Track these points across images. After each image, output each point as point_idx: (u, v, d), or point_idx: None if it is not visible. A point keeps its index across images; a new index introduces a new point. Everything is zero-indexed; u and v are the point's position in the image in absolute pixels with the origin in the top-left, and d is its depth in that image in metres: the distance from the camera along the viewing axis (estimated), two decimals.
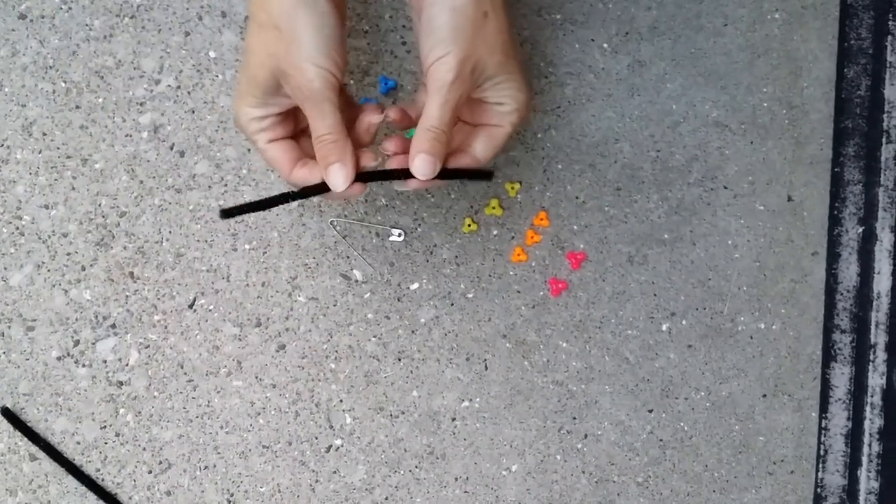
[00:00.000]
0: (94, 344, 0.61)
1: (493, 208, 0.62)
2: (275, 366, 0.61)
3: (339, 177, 0.48)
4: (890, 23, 0.63)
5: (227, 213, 0.49)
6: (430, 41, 0.46)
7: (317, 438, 0.62)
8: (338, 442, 0.62)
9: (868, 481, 0.63)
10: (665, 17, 0.62)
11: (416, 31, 0.50)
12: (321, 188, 0.49)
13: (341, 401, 0.62)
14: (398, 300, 0.62)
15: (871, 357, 0.63)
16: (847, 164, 0.63)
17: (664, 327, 0.63)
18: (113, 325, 0.61)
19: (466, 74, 0.46)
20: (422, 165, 0.48)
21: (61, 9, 0.60)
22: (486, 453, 0.62)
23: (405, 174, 0.48)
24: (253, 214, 0.61)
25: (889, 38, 0.63)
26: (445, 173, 0.49)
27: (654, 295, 0.63)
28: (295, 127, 0.51)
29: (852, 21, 0.63)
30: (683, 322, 0.63)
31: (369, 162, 0.49)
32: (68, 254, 0.61)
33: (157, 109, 0.61)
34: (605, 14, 0.62)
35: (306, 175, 0.49)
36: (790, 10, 0.63)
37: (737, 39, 0.63)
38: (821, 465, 0.64)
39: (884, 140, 0.63)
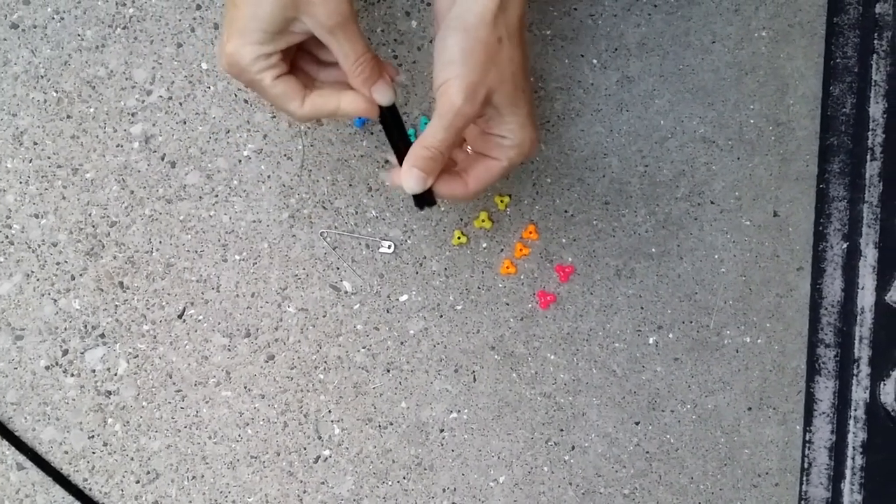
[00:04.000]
0: (82, 353, 0.61)
1: (483, 221, 0.62)
2: (263, 376, 0.62)
3: (387, 93, 0.48)
4: (875, 42, 0.64)
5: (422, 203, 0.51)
6: (441, 60, 0.45)
7: (305, 449, 0.62)
8: (326, 453, 0.62)
9: (851, 494, 0.64)
10: (654, 34, 0.63)
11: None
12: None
13: (330, 411, 0.62)
14: (387, 311, 0.62)
15: (855, 371, 0.64)
16: (832, 180, 0.64)
17: (651, 340, 0.64)
18: (102, 335, 0.61)
19: (477, 100, 0.45)
20: (411, 180, 0.48)
21: (53, 19, 0.61)
22: (473, 464, 0.63)
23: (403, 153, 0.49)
24: (243, 224, 0.61)
25: (874, 56, 0.64)
26: (425, 199, 0.50)
27: (642, 308, 0.63)
28: (293, 57, 0.50)
29: (838, 40, 0.64)
30: (670, 335, 0.64)
31: (397, 76, 0.50)
32: (58, 263, 0.61)
33: (149, 120, 0.61)
34: (594, 30, 0.63)
35: (321, 103, 0.49)
36: (777, 28, 0.64)
37: (724, 57, 0.63)
38: (805, 478, 0.64)
39: (868, 157, 0.64)
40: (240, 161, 0.62)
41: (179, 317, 0.61)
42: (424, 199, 0.50)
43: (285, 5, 0.45)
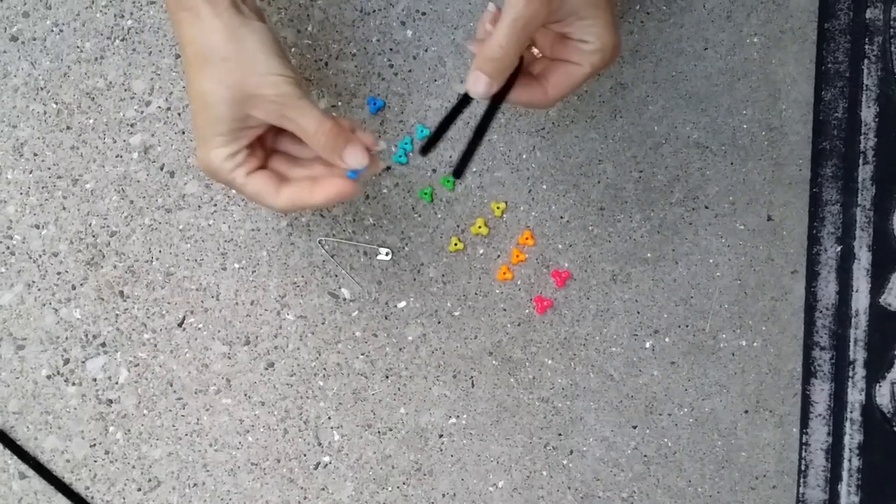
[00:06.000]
0: (83, 362, 0.61)
1: (479, 228, 0.63)
2: (263, 384, 0.62)
3: (359, 156, 0.49)
4: (866, 47, 0.64)
5: (426, 150, 0.50)
6: None
7: (305, 456, 0.62)
8: (326, 459, 0.62)
9: (848, 496, 0.64)
10: (646, 41, 0.64)
11: None
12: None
13: (329, 418, 0.62)
14: (386, 318, 0.63)
15: (851, 373, 0.64)
16: (825, 184, 0.65)
17: (647, 344, 0.64)
18: (103, 344, 0.61)
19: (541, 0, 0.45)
20: (473, 82, 0.47)
21: (52, 31, 0.61)
22: (472, 469, 0.63)
23: (453, 115, 0.49)
24: (242, 232, 0.62)
25: (865, 61, 0.64)
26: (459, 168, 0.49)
27: (638, 313, 0.64)
28: (264, 156, 0.51)
29: (829, 45, 0.65)
30: (666, 339, 0.64)
31: (374, 146, 0.51)
32: (58, 273, 0.61)
33: (148, 130, 0.62)
34: None
35: (296, 193, 0.50)
36: (769, 34, 0.64)
37: (717, 63, 0.64)
38: (802, 480, 0.65)
39: (860, 161, 0.64)
40: None
41: (179, 325, 0.62)
42: (459, 170, 0.49)
43: (235, 104, 0.47)
